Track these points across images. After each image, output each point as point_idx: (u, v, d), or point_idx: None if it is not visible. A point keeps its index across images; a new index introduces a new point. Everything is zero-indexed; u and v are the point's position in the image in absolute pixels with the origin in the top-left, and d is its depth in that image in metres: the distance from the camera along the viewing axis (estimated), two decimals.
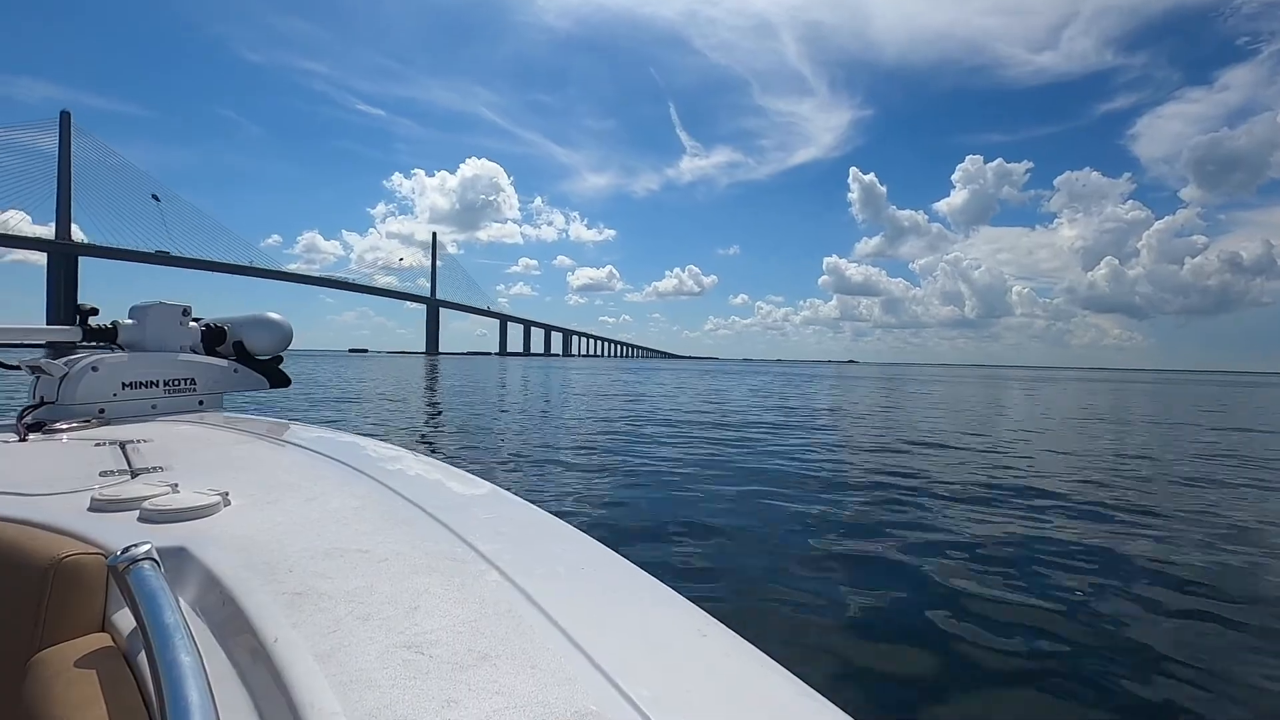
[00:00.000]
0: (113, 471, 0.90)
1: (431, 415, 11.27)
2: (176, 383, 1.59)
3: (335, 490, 0.82)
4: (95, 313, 1.56)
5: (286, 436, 1.21)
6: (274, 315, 1.83)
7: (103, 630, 0.54)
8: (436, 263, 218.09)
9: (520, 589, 0.54)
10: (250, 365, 1.78)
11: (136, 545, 0.50)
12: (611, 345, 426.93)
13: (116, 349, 1.58)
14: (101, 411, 1.42)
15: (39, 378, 1.41)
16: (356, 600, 0.51)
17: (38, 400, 1.38)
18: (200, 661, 0.39)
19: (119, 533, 0.61)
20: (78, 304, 1.53)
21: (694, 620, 0.52)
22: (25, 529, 0.62)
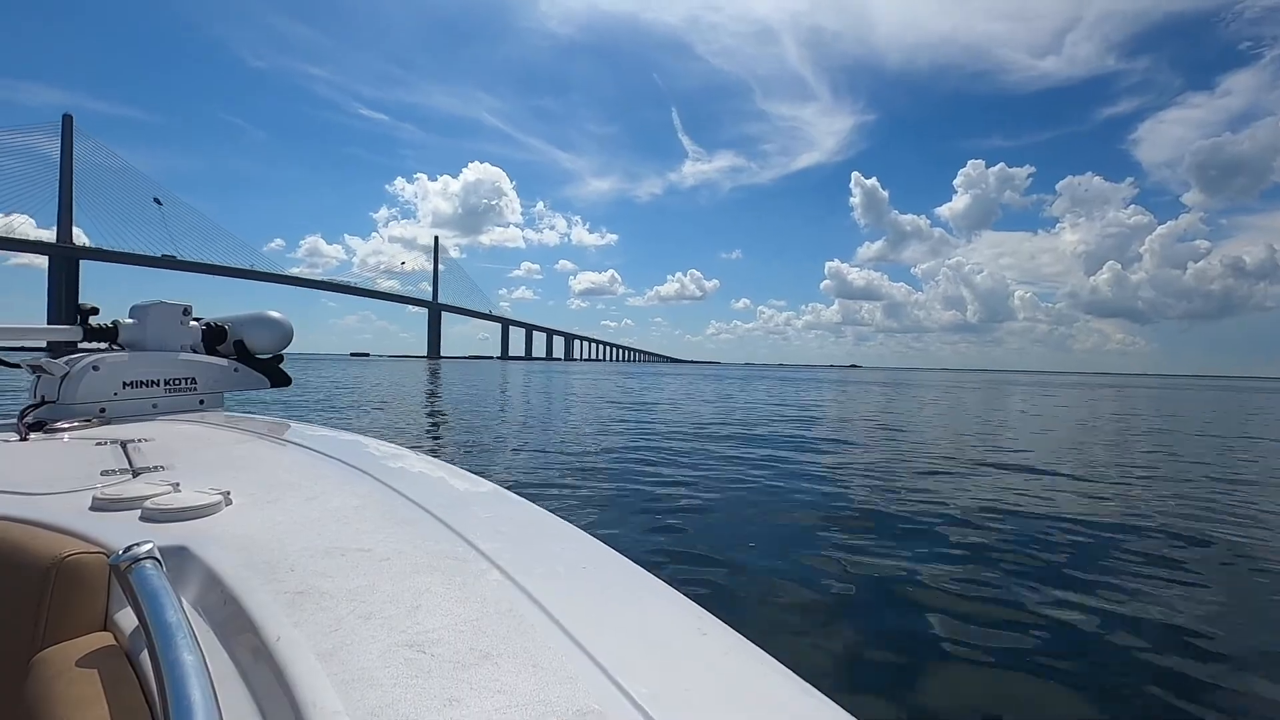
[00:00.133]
0: (114, 471, 0.90)
1: (432, 428, 10.54)
2: (177, 382, 1.59)
3: (336, 489, 0.82)
4: (95, 312, 1.56)
5: (287, 436, 1.22)
6: (274, 314, 1.83)
7: (105, 629, 0.55)
8: (438, 266, 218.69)
9: (521, 588, 0.54)
10: (251, 364, 1.78)
11: (138, 544, 0.50)
12: (613, 349, 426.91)
13: (117, 348, 1.58)
14: (102, 411, 1.42)
15: (40, 377, 1.41)
16: (358, 599, 0.51)
17: (39, 399, 1.38)
18: (203, 660, 0.40)
19: (121, 532, 0.61)
20: (78, 303, 1.53)
21: (694, 619, 0.52)
22: (27, 528, 0.62)
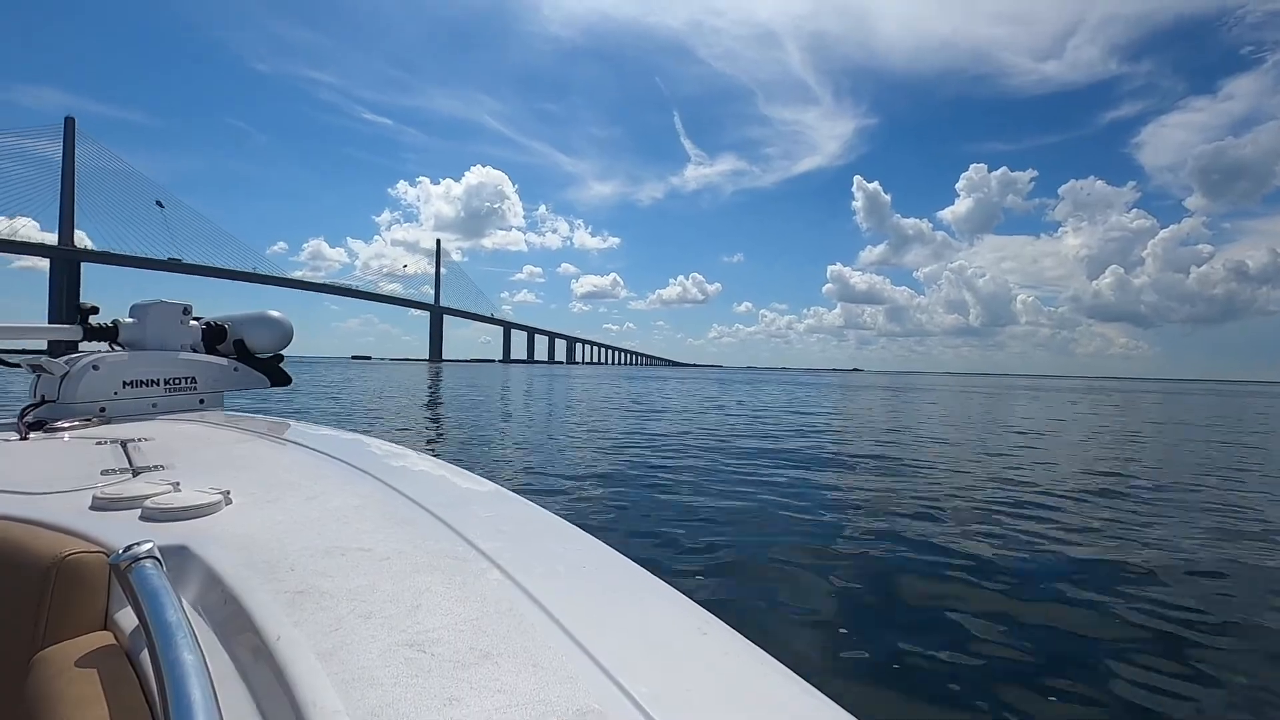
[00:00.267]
0: (114, 470, 0.90)
1: (433, 436, 10.06)
2: (177, 381, 1.59)
3: (336, 489, 0.82)
4: (95, 311, 1.56)
5: (287, 435, 1.22)
6: (274, 313, 1.84)
7: (105, 629, 0.55)
8: (441, 270, 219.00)
9: (521, 587, 0.54)
10: (251, 364, 1.78)
11: (138, 544, 0.50)
12: (615, 353, 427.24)
13: (117, 348, 1.59)
14: (102, 410, 1.42)
15: (40, 376, 1.41)
16: (358, 599, 0.51)
17: (39, 399, 1.38)
18: (203, 660, 0.40)
19: (121, 531, 0.61)
20: (79, 303, 1.53)
21: (694, 618, 0.52)
22: (27, 527, 0.62)
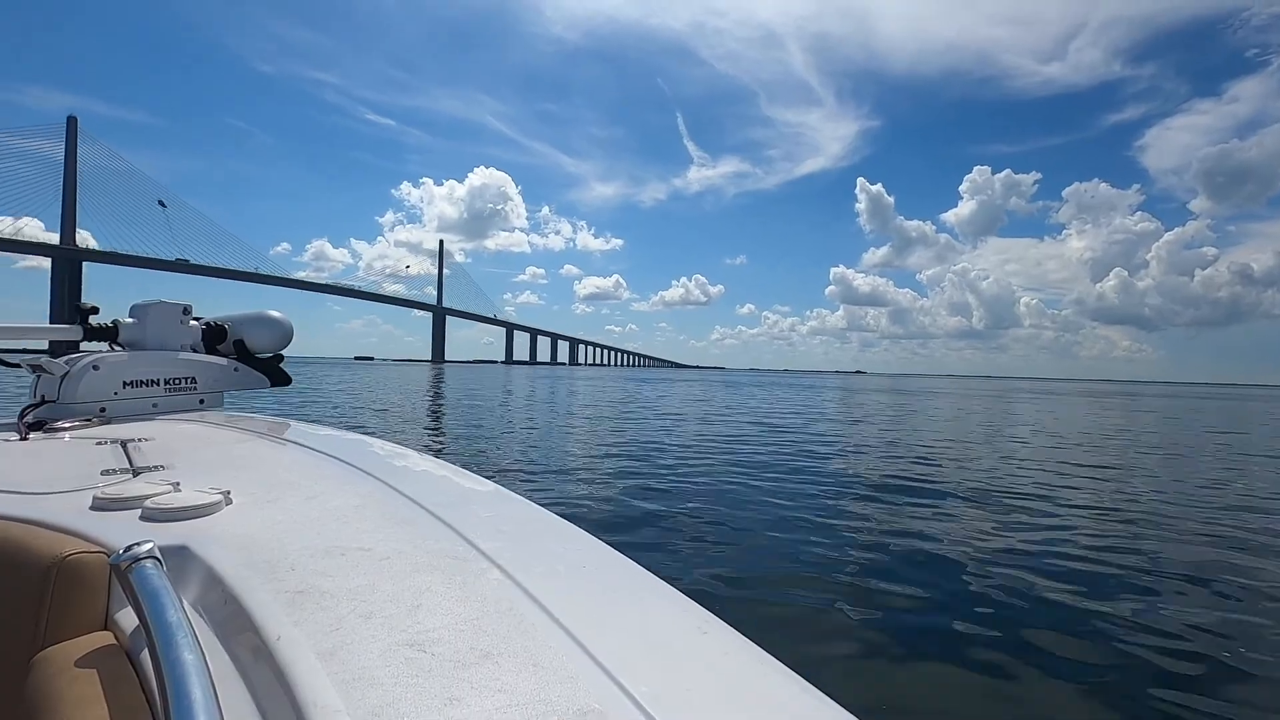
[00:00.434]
0: (114, 470, 0.90)
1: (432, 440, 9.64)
2: (177, 381, 1.59)
3: (336, 489, 0.82)
4: (96, 311, 1.56)
5: (287, 435, 1.22)
6: (274, 313, 1.84)
7: (105, 629, 0.55)
8: (443, 271, 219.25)
9: (522, 587, 0.54)
10: (251, 364, 1.78)
11: (139, 544, 0.50)
12: (618, 354, 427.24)
13: (117, 348, 1.59)
14: (102, 410, 1.42)
15: (40, 376, 1.41)
16: (358, 598, 0.51)
17: (39, 399, 1.39)
18: (203, 660, 0.40)
19: (121, 531, 0.61)
20: (78, 303, 1.54)
21: (695, 618, 0.52)
22: (27, 528, 0.62)
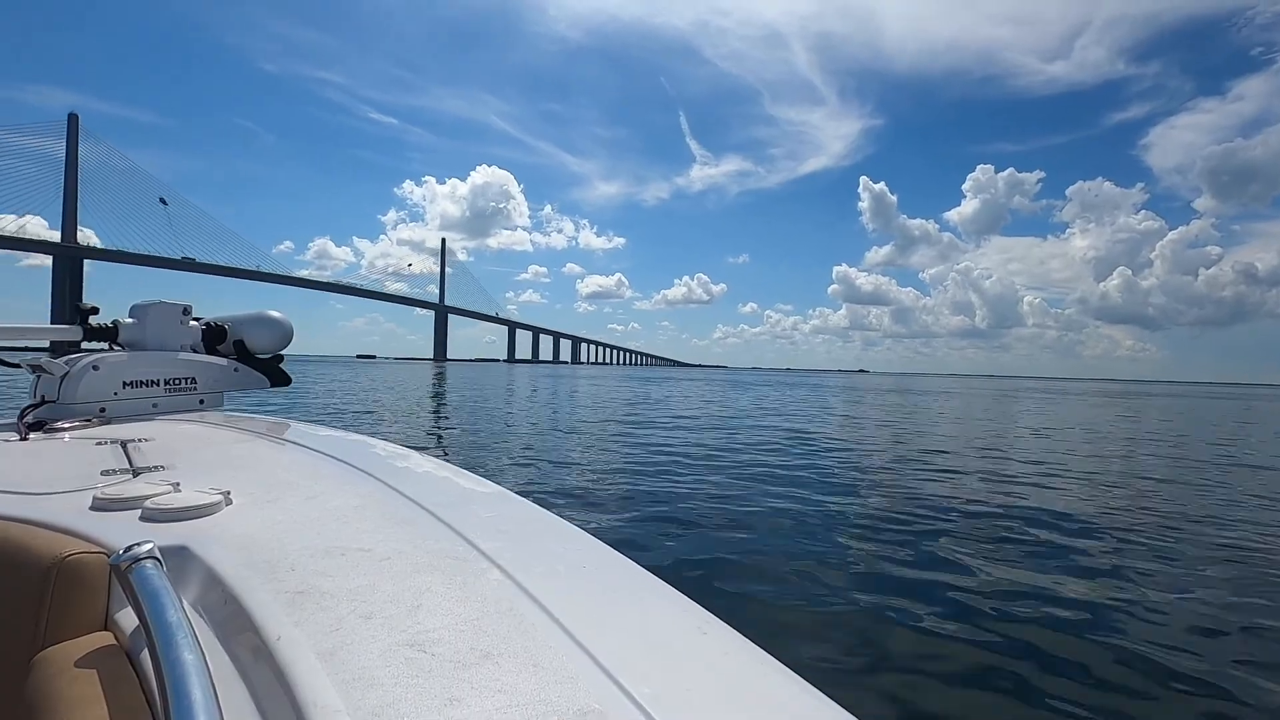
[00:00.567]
0: (114, 470, 0.90)
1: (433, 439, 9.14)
2: (177, 382, 1.59)
3: (336, 489, 0.82)
4: (96, 311, 1.57)
5: (287, 435, 1.21)
6: (274, 314, 1.83)
7: (105, 629, 0.55)
8: (446, 269, 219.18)
9: (522, 587, 0.54)
10: (251, 364, 1.78)
11: (139, 544, 0.50)
12: (620, 353, 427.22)
13: (117, 348, 1.59)
14: (102, 410, 1.42)
15: (40, 376, 1.41)
16: (358, 599, 0.51)
17: (39, 399, 1.39)
18: (203, 660, 0.39)
19: (121, 532, 0.61)
20: (79, 303, 1.54)
21: (695, 618, 0.52)
22: (27, 528, 0.62)
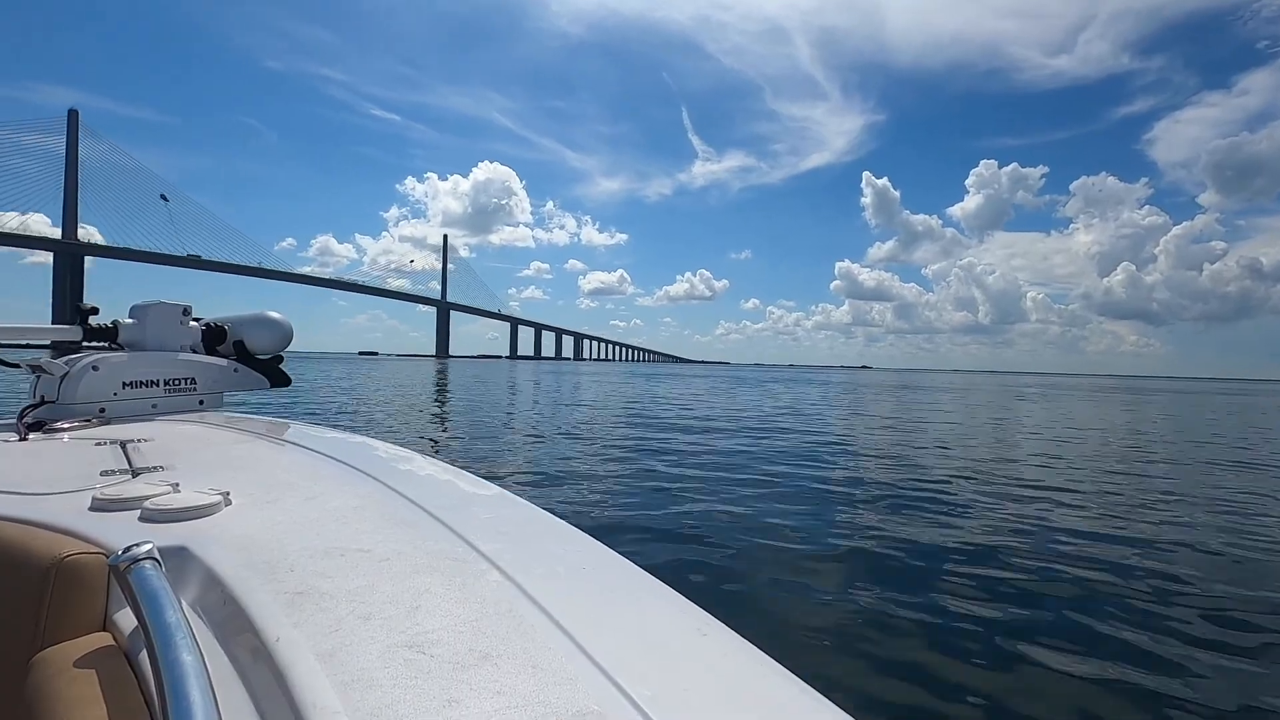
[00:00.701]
0: (113, 471, 0.90)
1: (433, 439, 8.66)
2: (177, 382, 1.59)
3: (336, 490, 0.82)
4: (95, 312, 1.57)
5: (287, 436, 1.21)
6: (274, 314, 1.83)
7: (104, 630, 0.55)
8: (448, 265, 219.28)
9: (521, 589, 0.53)
10: (250, 365, 1.78)
11: (138, 545, 0.50)
12: (622, 349, 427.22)
13: (117, 348, 1.59)
14: (102, 411, 1.42)
15: (39, 377, 1.41)
16: (358, 600, 0.51)
17: (38, 399, 1.39)
18: (202, 661, 0.39)
19: (120, 532, 0.61)
20: (78, 303, 1.54)
21: (694, 619, 0.52)
22: (26, 528, 0.62)
